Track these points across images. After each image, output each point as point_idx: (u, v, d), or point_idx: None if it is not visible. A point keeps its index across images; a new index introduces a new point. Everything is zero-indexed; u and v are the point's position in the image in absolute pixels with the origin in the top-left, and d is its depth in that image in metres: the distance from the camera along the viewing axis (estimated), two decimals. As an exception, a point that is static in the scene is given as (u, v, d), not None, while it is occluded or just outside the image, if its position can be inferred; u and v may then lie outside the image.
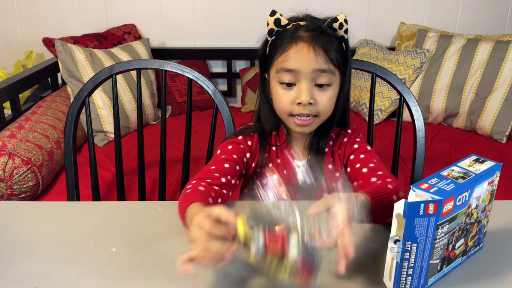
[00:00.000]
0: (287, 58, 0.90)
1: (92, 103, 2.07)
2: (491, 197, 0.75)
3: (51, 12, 2.62)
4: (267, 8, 1.03)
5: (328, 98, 0.93)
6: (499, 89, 2.18)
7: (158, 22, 2.69)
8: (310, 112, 0.92)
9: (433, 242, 0.66)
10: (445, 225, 0.67)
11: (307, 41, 0.89)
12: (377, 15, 2.69)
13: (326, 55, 0.90)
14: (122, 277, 0.73)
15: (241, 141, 1.00)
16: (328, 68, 0.91)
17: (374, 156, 1.00)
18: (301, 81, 0.91)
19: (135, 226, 0.88)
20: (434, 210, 0.64)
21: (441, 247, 0.69)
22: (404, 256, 0.66)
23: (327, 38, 0.91)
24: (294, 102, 0.92)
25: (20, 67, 2.52)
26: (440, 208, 0.64)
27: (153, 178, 1.70)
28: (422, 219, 0.64)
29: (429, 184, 0.68)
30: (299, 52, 0.89)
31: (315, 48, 0.89)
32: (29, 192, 1.62)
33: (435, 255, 0.69)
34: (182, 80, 2.56)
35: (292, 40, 0.90)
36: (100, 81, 1.23)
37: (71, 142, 1.21)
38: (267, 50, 0.96)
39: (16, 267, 0.75)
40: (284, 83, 0.92)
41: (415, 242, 0.65)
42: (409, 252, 0.65)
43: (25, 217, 0.92)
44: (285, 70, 0.91)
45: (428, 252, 0.67)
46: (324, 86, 0.92)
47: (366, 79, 2.41)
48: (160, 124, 1.29)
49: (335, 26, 0.92)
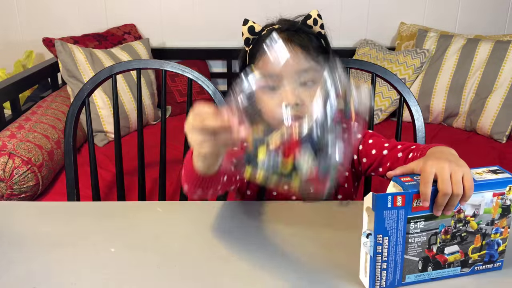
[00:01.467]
0: (265, 62, 0.89)
1: (92, 103, 2.07)
2: (504, 211, 0.70)
3: (51, 12, 2.62)
4: (267, 8, 1.03)
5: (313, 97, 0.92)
6: (499, 89, 2.18)
7: (158, 22, 2.69)
8: (299, 113, 0.88)
9: (405, 235, 0.66)
10: (420, 221, 0.67)
11: (284, 42, 0.86)
12: (377, 15, 2.69)
13: (305, 52, 0.89)
14: (122, 277, 0.73)
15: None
16: (310, 66, 0.89)
17: (380, 136, 1.01)
18: (284, 84, 0.89)
19: (135, 226, 0.88)
20: (402, 203, 0.64)
21: (418, 244, 0.68)
22: (376, 249, 0.66)
23: (304, 36, 0.90)
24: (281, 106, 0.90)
25: (20, 67, 2.52)
26: (409, 201, 0.64)
27: (153, 178, 1.70)
28: (390, 212, 0.64)
29: (411, 178, 0.68)
30: None
31: (294, 48, 0.88)
32: (29, 192, 1.62)
33: (411, 251, 0.68)
34: (182, 80, 2.56)
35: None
36: (100, 81, 1.23)
37: (71, 142, 1.21)
38: (246, 61, 0.95)
39: (16, 267, 0.75)
40: (269, 86, 0.89)
41: (386, 235, 0.65)
42: (381, 246, 0.66)
43: (25, 217, 0.92)
44: (266, 76, 0.88)
45: (401, 246, 0.67)
46: (309, 84, 0.89)
47: (366, 79, 2.41)
48: (160, 124, 1.29)
49: (309, 23, 0.91)
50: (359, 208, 0.94)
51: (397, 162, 0.93)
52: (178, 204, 1.01)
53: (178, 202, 1.08)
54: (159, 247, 0.81)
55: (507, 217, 0.71)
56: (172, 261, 0.77)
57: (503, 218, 0.71)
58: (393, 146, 0.96)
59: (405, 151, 0.93)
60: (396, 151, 0.94)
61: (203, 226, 0.88)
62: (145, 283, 0.71)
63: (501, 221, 0.71)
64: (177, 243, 0.83)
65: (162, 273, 0.73)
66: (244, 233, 0.85)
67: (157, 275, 0.73)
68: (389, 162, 0.95)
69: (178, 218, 0.91)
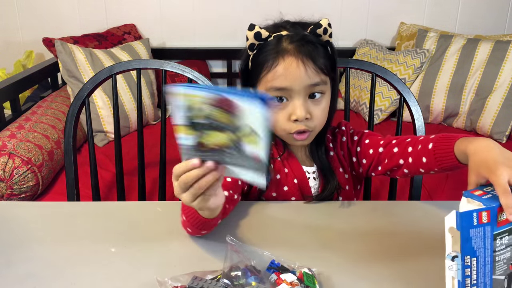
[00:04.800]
0: (276, 76, 0.87)
1: (92, 103, 2.06)
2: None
3: (51, 12, 2.62)
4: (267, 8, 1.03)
5: (322, 110, 0.91)
6: (499, 89, 2.18)
7: (158, 22, 2.69)
8: (307, 127, 0.90)
9: (492, 254, 0.62)
10: (504, 236, 0.62)
11: (293, 54, 0.86)
12: (377, 15, 2.69)
13: (316, 66, 0.87)
14: (121, 277, 0.73)
15: None
16: (320, 80, 0.88)
17: (376, 135, 1.01)
18: (294, 97, 0.88)
19: (135, 226, 0.88)
20: (488, 218, 0.59)
21: (504, 261, 0.64)
22: (465, 273, 0.60)
23: (313, 47, 0.87)
24: (289, 119, 0.89)
25: (20, 67, 2.52)
26: (494, 216, 0.60)
27: (153, 178, 1.70)
28: (477, 230, 0.59)
29: (483, 191, 0.63)
30: (288, 69, 0.86)
31: (304, 61, 0.86)
32: (29, 192, 1.62)
33: (498, 270, 0.64)
34: (182, 80, 2.56)
35: (278, 55, 0.86)
36: (100, 81, 1.23)
37: (71, 142, 1.21)
38: (249, 65, 0.92)
39: (16, 267, 0.75)
40: (276, 98, 0.88)
41: (474, 255, 0.60)
42: (470, 268, 0.60)
43: (25, 217, 0.92)
44: (275, 89, 0.87)
45: (489, 265, 0.62)
46: (318, 97, 0.89)
47: (366, 79, 2.41)
48: (160, 124, 1.29)
49: (319, 32, 0.88)
50: (358, 209, 0.94)
51: (394, 157, 0.93)
52: (178, 204, 1.01)
53: (178, 202, 1.08)
54: (158, 247, 0.81)
55: None
56: (172, 261, 0.77)
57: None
58: (387, 142, 0.96)
59: (400, 145, 0.93)
60: (391, 146, 0.95)
61: (203, 226, 0.88)
62: (145, 283, 0.71)
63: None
64: (177, 243, 0.83)
65: (162, 273, 0.73)
66: (244, 233, 0.85)
67: (157, 275, 0.73)
68: (386, 159, 0.95)
69: (178, 218, 0.91)
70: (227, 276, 0.68)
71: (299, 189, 0.98)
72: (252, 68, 0.91)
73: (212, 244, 0.82)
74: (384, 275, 0.74)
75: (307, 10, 0.96)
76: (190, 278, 0.68)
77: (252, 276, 0.69)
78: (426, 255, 0.78)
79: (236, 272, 0.69)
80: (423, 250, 0.80)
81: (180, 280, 0.68)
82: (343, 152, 1.02)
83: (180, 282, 0.68)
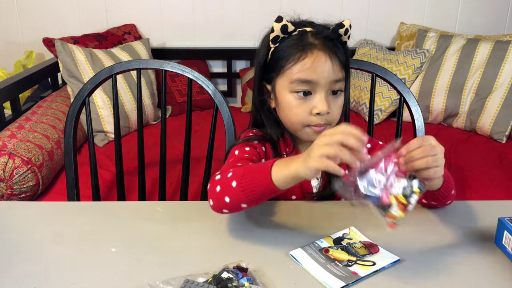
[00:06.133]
0: (303, 68, 0.88)
1: (92, 103, 2.07)
2: None
3: (51, 12, 2.62)
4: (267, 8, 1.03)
5: (339, 106, 0.93)
6: (499, 89, 2.18)
7: (158, 22, 2.69)
8: (326, 121, 0.91)
9: None
10: None
11: (322, 49, 0.88)
12: (377, 15, 2.69)
13: (340, 63, 0.89)
14: (122, 277, 0.73)
15: (257, 146, 0.96)
16: (342, 76, 0.91)
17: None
18: (318, 91, 0.89)
19: (135, 226, 0.88)
20: None
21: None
22: None
23: (338, 45, 0.90)
24: (311, 113, 0.90)
25: (20, 67, 2.52)
26: None
27: (153, 178, 1.70)
28: None
29: None
30: (316, 62, 0.88)
31: (331, 56, 0.88)
32: (29, 192, 1.62)
33: None
34: (182, 80, 2.56)
35: (305, 48, 0.88)
36: (100, 81, 1.23)
37: (71, 142, 1.21)
38: (267, 58, 0.93)
39: (16, 267, 0.75)
40: (301, 91, 0.90)
41: None
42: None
43: (25, 217, 0.92)
44: (301, 81, 0.89)
45: None
46: (338, 93, 0.92)
47: (366, 79, 2.41)
48: (160, 124, 1.29)
49: (340, 31, 0.91)
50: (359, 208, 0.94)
51: None
52: (178, 204, 1.01)
53: (178, 202, 1.08)
54: (159, 247, 0.81)
55: None
56: (172, 261, 0.77)
57: None
58: None
59: None
60: None
61: (203, 226, 0.88)
62: (145, 283, 0.71)
63: None
64: (177, 243, 0.83)
65: (162, 273, 0.73)
66: (245, 233, 0.85)
67: (157, 275, 0.73)
68: None
69: (178, 218, 0.91)
70: (218, 279, 0.68)
71: (300, 187, 0.98)
72: (272, 60, 0.92)
73: (212, 244, 0.82)
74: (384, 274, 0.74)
75: (308, 10, 0.97)
76: (182, 281, 0.68)
77: (245, 277, 0.69)
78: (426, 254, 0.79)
79: (228, 274, 0.69)
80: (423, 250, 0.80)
81: (172, 283, 0.68)
82: None
83: (171, 286, 0.68)
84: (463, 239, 0.84)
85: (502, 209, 0.95)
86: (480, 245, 0.82)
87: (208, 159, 1.26)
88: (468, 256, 0.79)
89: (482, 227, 0.87)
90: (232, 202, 0.79)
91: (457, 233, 0.85)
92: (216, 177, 0.82)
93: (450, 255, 0.78)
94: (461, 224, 0.88)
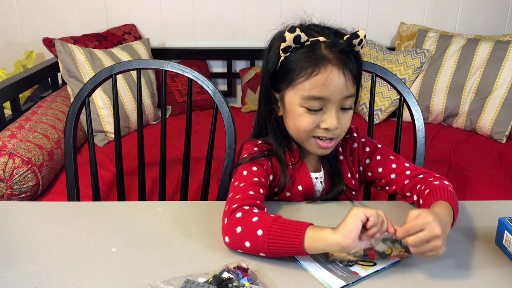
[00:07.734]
0: (316, 84, 0.84)
1: (92, 103, 2.07)
2: None
3: (51, 12, 2.62)
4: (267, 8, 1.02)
5: (348, 119, 0.91)
6: (499, 89, 2.18)
7: (158, 22, 2.69)
8: (333, 135, 0.89)
9: None
10: None
11: (336, 64, 0.84)
12: (377, 15, 2.69)
13: (353, 78, 0.86)
14: (122, 277, 0.73)
15: (264, 162, 0.94)
16: (354, 92, 0.88)
17: (388, 153, 1.01)
18: (329, 107, 0.87)
19: (135, 226, 0.88)
20: None
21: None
22: None
23: (351, 57, 0.86)
24: (319, 126, 0.88)
25: (20, 67, 2.52)
26: None
27: (153, 178, 1.70)
28: None
29: None
30: (330, 79, 0.84)
31: (345, 72, 0.84)
32: (29, 192, 1.62)
33: None
34: (182, 80, 2.56)
35: (318, 62, 0.84)
36: (100, 81, 1.23)
37: (71, 142, 1.21)
38: (277, 67, 0.89)
39: (16, 267, 0.75)
40: (312, 109, 0.87)
41: None
42: None
43: (25, 217, 0.92)
44: (313, 98, 0.85)
45: None
46: (348, 109, 0.89)
47: (366, 79, 2.41)
48: (160, 124, 1.29)
49: (354, 42, 0.86)
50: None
51: (403, 187, 0.96)
52: (178, 204, 1.01)
53: (178, 202, 1.08)
54: (159, 247, 0.81)
55: None
56: (172, 261, 0.77)
57: None
58: (400, 170, 0.98)
59: (412, 180, 0.95)
60: (403, 177, 0.97)
61: (203, 226, 0.88)
62: (145, 283, 0.71)
63: None
64: (177, 243, 0.83)
65: (163, 273, 0.73)
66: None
67: (158, 275, 0.73)
68: (395, 186, 0.98)
69: (178, 218, 0.91)
70: (219, 279, 0.68)
71: (303, 195, 0.98)
72: (282, 70, 0.89)
73: (212, 244, 0.82)
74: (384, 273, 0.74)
75: (308, 10, 0.96)
76: (183, 281, 0.68)
77: (245, 278, 0.69)
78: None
79: (228, 274, 0.69)
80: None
81: (172, 283, 0.68)
82: (352, 158, 1.01)
83: (172, 286, 0.68)
84: (463, 239, 0.84)
85: (502, 209, 0.96)
86: (480, 245, 0.82)
87: (208, 159, 1.26)
88: (468, 256, 0.79)
89: (482, 227, 0.87)
90: (252, 249, 0.77)
91: (457, 233, 0.85)
92: (236, 214, 0.80)
93: (450, 255, 0.78)
94: (461, 224, 0.88)
